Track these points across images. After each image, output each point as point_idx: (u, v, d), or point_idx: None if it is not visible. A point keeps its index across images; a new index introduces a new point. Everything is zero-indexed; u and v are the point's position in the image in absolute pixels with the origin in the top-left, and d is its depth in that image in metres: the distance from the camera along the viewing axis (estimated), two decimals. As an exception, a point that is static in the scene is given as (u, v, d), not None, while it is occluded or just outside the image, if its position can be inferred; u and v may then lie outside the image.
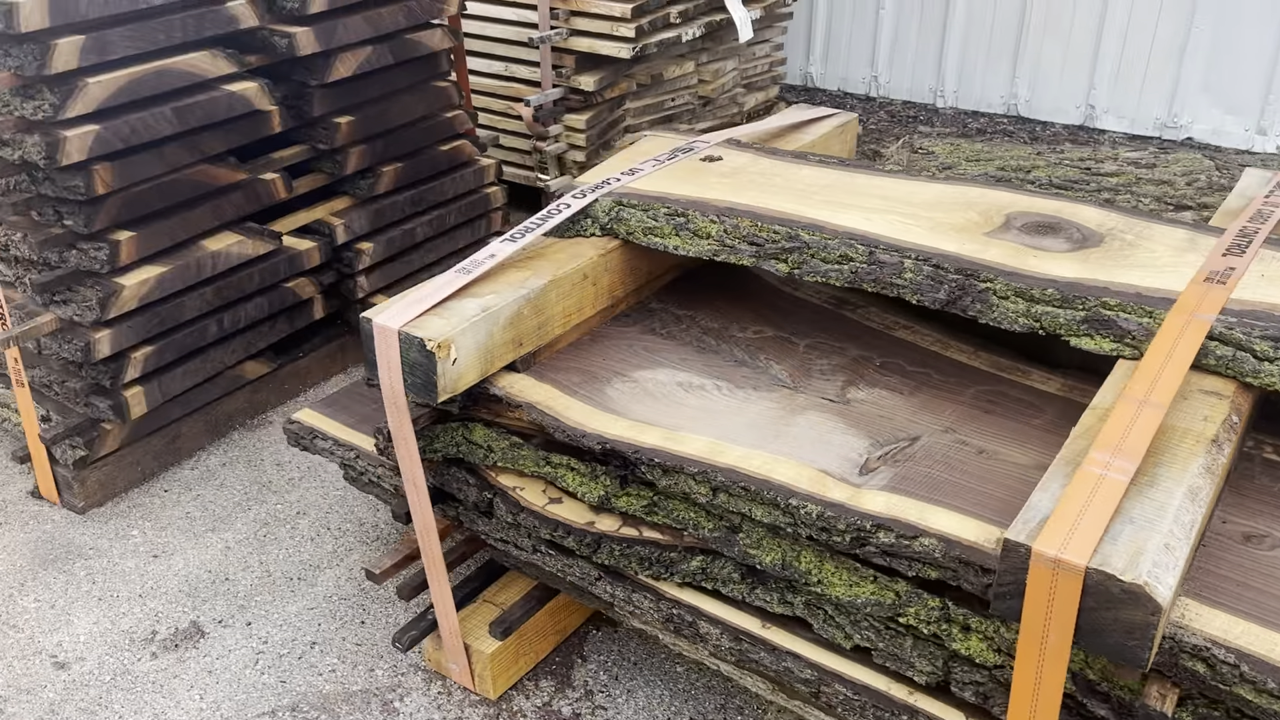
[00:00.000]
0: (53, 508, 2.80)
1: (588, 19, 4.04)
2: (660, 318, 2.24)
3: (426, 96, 3.35)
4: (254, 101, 2.75)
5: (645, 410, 1.91)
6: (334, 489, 2.87)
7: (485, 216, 3.69)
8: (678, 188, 2.22)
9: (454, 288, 1.95)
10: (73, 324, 2.61)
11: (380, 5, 3.03)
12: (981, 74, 5.75)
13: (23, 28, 2.26)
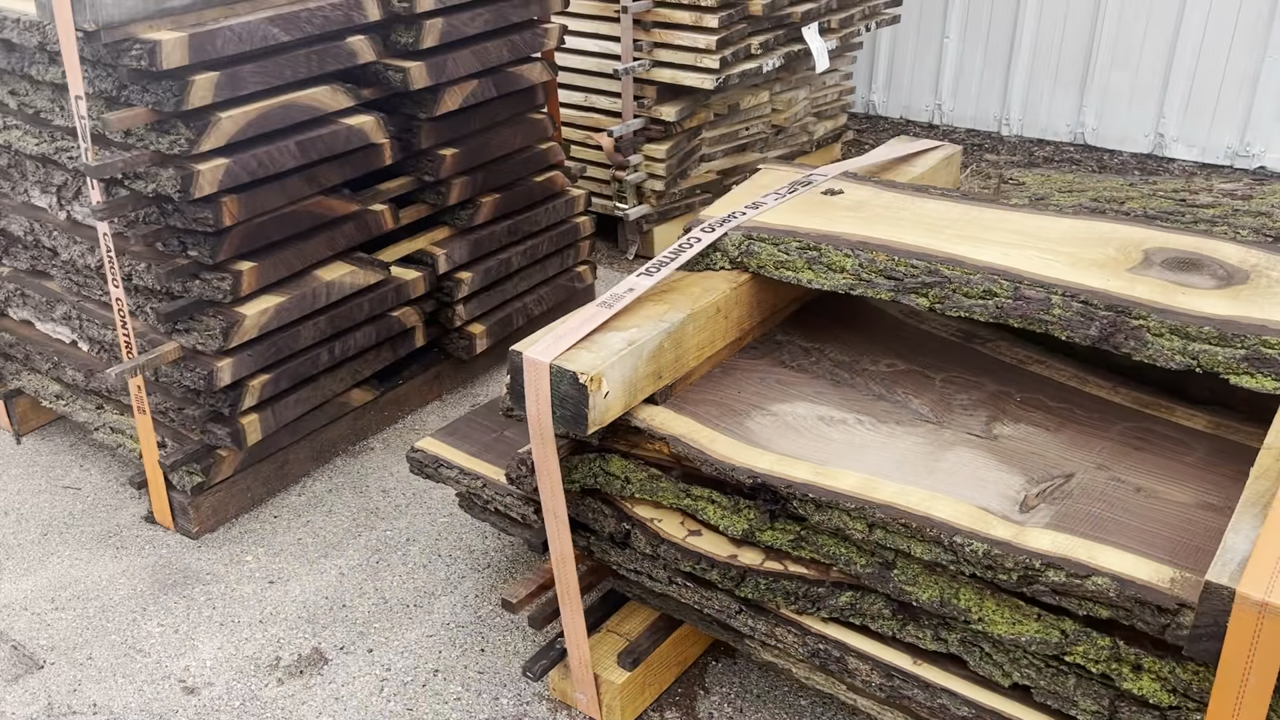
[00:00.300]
0: (167, 533, 2.84)
1: (671, 50, 4.07)
2: (788, 350, 2.25)
3: (524, 128, 3.39)
4: (370, 135, 2.79)
5: (790, 444, 1.91)
6: (440, 515, 2.88)
7: (574, 246, 3.72)
8: (805, 221, 2.23)
9: (598, 322, 1.96)
10: (195, 352, 2.65)
11: (487, 39, 3.07)
12: (1047, 102, 5.74)
13: (164, 65, 2.31)
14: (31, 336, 3.12)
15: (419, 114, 2.99)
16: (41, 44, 2.49)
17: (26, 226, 2.93)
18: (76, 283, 2.88)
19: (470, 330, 3.35)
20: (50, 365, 3.06)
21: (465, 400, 3.45)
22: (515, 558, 2.73)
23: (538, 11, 3.22)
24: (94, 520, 2.89)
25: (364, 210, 2.95)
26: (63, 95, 2.63)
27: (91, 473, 3.09)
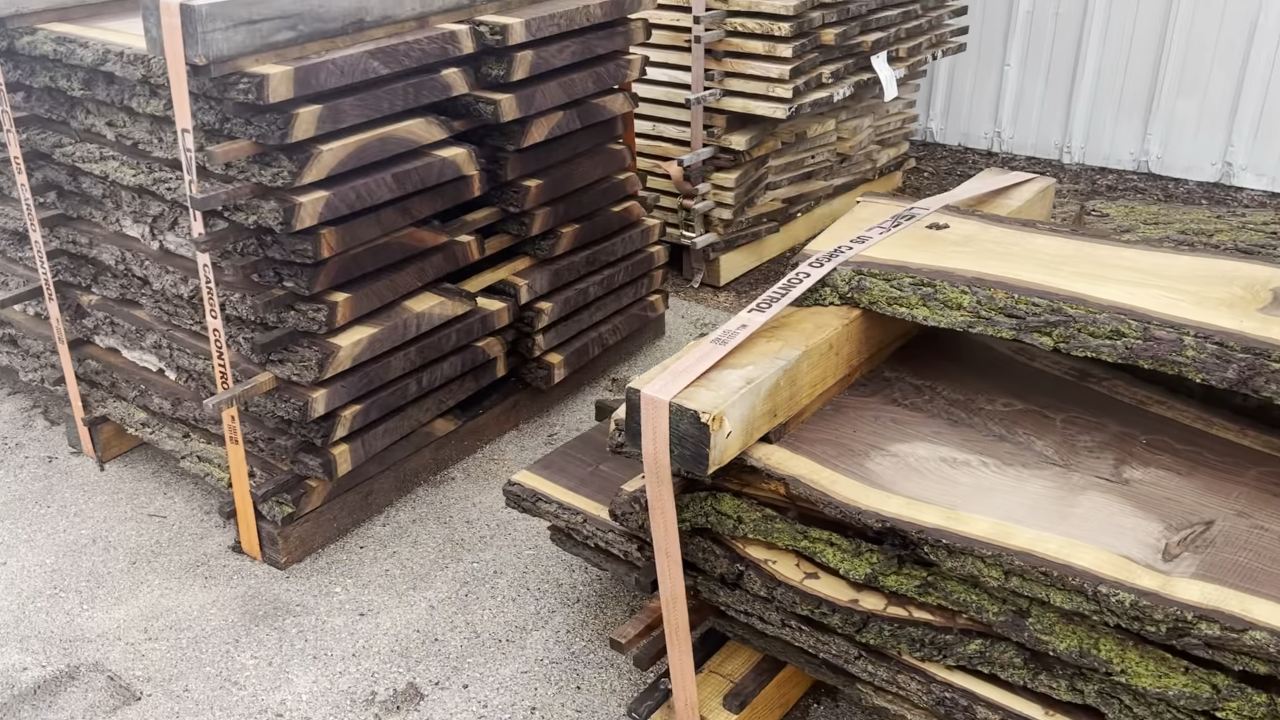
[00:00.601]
0: (254, 563, 2.83)
1: (743, 80, 4.06)
2: (899, 388, 2.21)
3: (603, 159, 3.38)
4: (462, 167, 2.79)
5: (915, 487, 1.87)
6: (526, 548, 2.86)
7: (648, 275, 3.70)
8: (915, 256, 2.20)
9: (713, 359, 1.94)
10: (290, 383, 2.64)
11: (574, 71, 3.07)
12: (1110, 130, 5.68)
13: (270, 98, 2.31)
14: (118, 364, 3.13)
15: (506, 146, 2.99)
16: (145, 77, 2.51)
17: (118, 256, 2.94)
18: (167, 312, 2.89)
19: (548, 360, 3.34)
20: (137, 393, 3.07)
21: (542, 430, 3.43)
22: (604, 593, 2.69)
23: (622, 43, 3.22)
24: (181, 549, 2.88)
25: (452, 241, 2.94)
26: (161, 127, 2.64)
27: (176, 500, 3.09)
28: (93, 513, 3.04)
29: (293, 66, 2.36)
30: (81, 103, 2.82)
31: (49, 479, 3.20)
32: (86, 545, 2.90)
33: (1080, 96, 5.68)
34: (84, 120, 2.83)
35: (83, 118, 2.83)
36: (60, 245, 3.10)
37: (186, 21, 2.25)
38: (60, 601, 2.69)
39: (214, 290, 2.53)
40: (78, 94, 2.75)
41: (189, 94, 2.36)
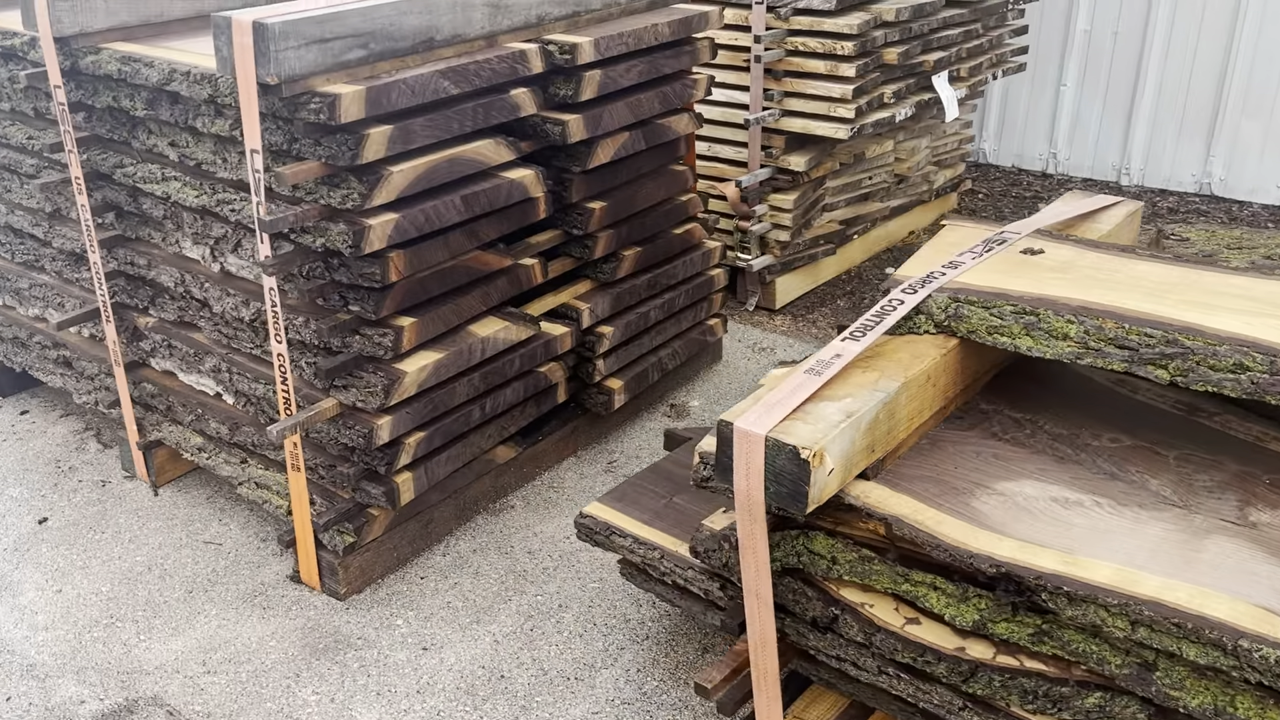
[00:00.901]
0: (313, 593, 2.75)
1: (803, 100, 3.98)
2: (997, 421, 2.11)
3: (666, 180, 3.31)
4: (530, 189, 2.73)
5: (1027, 529, 1.76)
6: (590, 580, 2.77)
7: (708, 299, 3.62)
8: (1013, 283, 2.10)
9: (809, 391, 1.84)
10: (354, 409, 2.57)
11: (641, 91, 3.00)
12: (1171, 152, 5.55)
13: (342, 119, 2.26)
14: (174, 388, 3.08)
15: (572, 167, 2.92)
16: (211, 96, 2.46)
17: (177, 278, 2.89)
18: (226, 335, 2.84)
19: (608, 385, 3.26)
20: (193, 417, 3.02)
21: (601, 456, 3.35)
22: (674, 629, 2.60)
23: (689, 62, 3.15)
24: (238, 578, 2.82)
25: (516, 264, 2.87)
26: (225, 148, 2.59)
27: (231, 527, 3.03)
28: (148, 539, 2.98)
29: (364, 86, 2.30)
30: (144, 123, 2.77)
31: (103, 503, 3.15)
32: (142, 573, 2.84)
33: (1140, 117, 5.55)
34: (146, 140, 2.79)
35: (145, 138, 2.79)
36: (118, 266, 3.06)
37: (259, 40, 2.20)
38: (117, 631, 2.63)
39: (279, 314, 2.47)
40: (141, 114, 2.71)
41: (258, 114, 2.31)
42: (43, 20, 2.70)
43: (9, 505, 3.14)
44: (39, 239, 3.36)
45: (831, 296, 4.49)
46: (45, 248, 3.36)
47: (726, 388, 3.74)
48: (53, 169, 3.14)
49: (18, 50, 2.97)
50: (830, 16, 3.82)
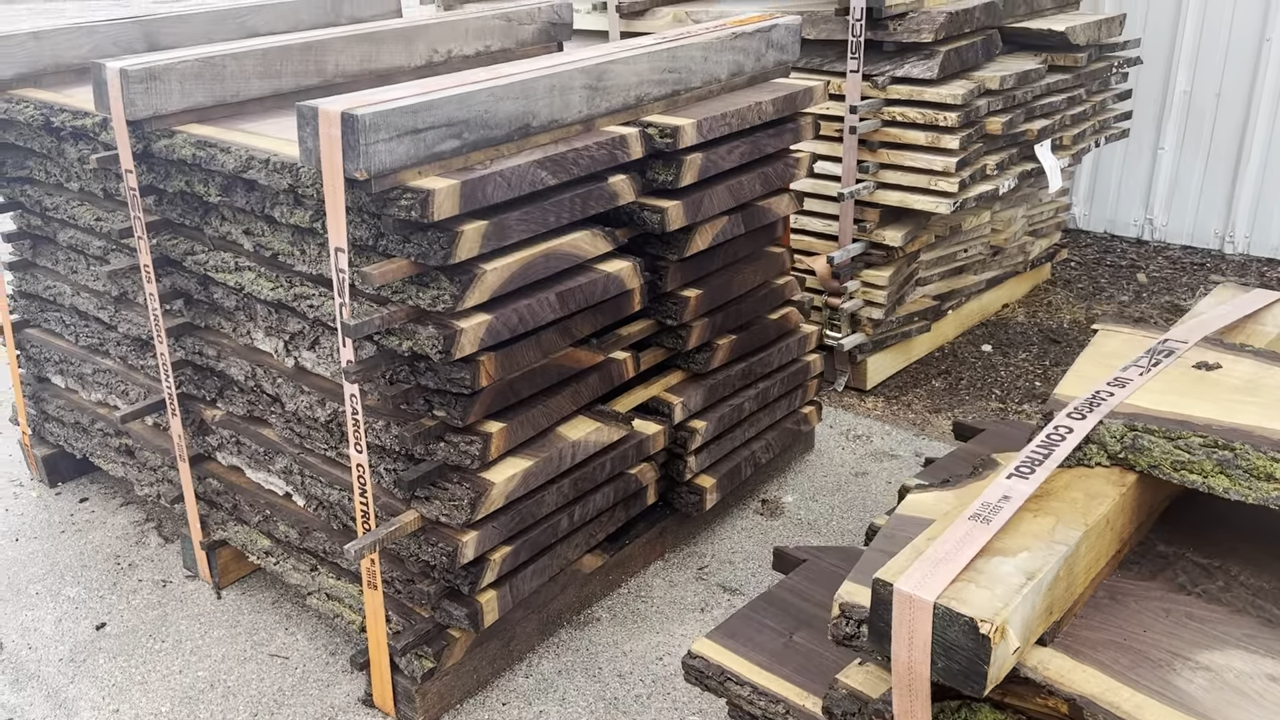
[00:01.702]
0: (387, 719, 2.53)
1: (900, 172, 3.77)
2: (1182, 569, 1.84)
3: (763, 264, 3.11)
4: (626, 282, 2.53)
5: (1246, 717, 1.50)
6: (689, 712, 2.52)
7: (803, 386, 3.39)
8: (1194, 407, 1.85)
9: (980, 543, 1.60)
10: (437, 524, 2.37)
11: (742, 173, 2.81)
12: (1278, 216, 5.25)
13: (435, 216, 2.07)
14: (241, 485, 2.91)
15: (668, 255, 2.73)
16: (292, 186, 2.30)
17: (247, 371, 2.73)
18: (299, 434, 2.66)
19: (700, 483, 3.03)
20: (261, 518, 2.84)
21: (691, 560, 3.11)
22: (786, 773, 2.34)
23: (791, 140, 2.96)
24: (306, 698, 2.61)
25: (608, 360, 2.67)
26: (304, 239, 2.43)
27: (298, 638, 2.83)
28: (210, 650, 2.79)
29: (459, 180, 2.12)
30: (218, 209, 2.63)
31: (164, 606, 2.97)
32: (204, 690, 2.65)
33: (1245, 182, 5.27)
34: (219, 227, 2.64)
35: (218, 224, 2.64)
36: (186, 356, 2.90)
37: (348, 132, 2.03)
38: (177, 761, 2.43)
39: (359, 421, 2.28)
40: (215, 200, 2.56)
41: (344, 209, 2.14)
42: (116, 103, 2.57)
43: (66, 608, 2.98)
44: (104, 323, 3.23)
45: (925, 376, 4.24)
46: (110, 332, 3.22)
47: (821, 481, 3.50)
48: (121, 253, 3.01)
49: (89, 130, 2.84)
50: (932, 85, 3.62)
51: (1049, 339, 4.54)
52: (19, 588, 3.08)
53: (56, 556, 3.21)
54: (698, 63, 2.76)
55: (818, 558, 2.41)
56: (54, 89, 3.14)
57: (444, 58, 3.25)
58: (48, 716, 2.57)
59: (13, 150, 3.24)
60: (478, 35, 3.33)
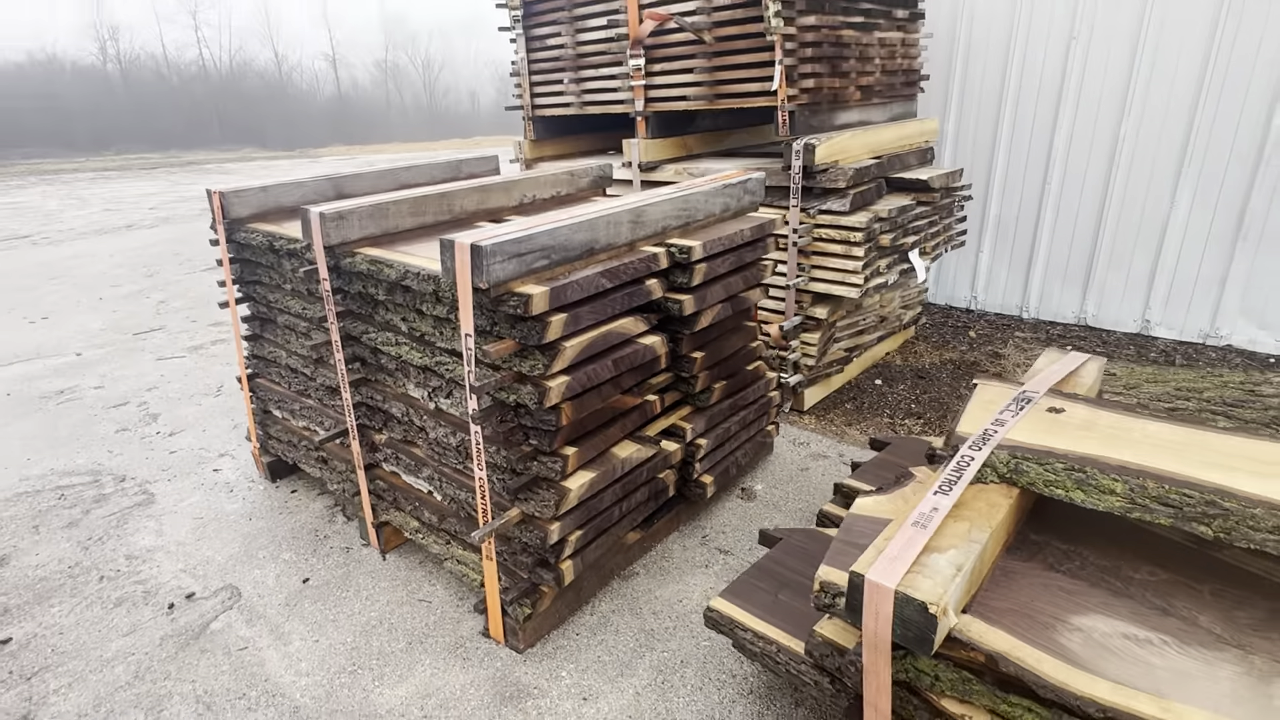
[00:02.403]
0: (499, 646, 2.35)
1: (825, 270, 3.63)
2: (1050, 553, 1.68)
3: (743, 333, 2.95)
4: (657, 350, 2.38)
5: (1115, 669, 1.34)
6: (703, 639, 2.34)
7: (767, 412, 3.22)
8: (1054, 441, 1.69)
9: (920, 544, 1.44)
10: (533, 517, 2.20)
11: (730, 275, 2.66)
12: (1058, 294, 5.12)
13: (533, 312, 1.93)
14: (399, 485, 2.73)
15: (683, 330, 2.57)
16: (434, 291, 2.15)
17: (403, 410, 2.56)
18: (437, 453, 2.49)
19: (703, 480, 2.86)
20: (412, 508, 2.66)
21: (696, 531, 2.93)
22: (770, 684, 2.16)
23: (761, 252, 2.81)
24: (444, 632, 2.42)
25: (644, 402, 2.51)
26: (441, 325, 2.28)
27: (438, 588, 2.64)
28: (379, 596, 2.61)
29: (548, 287, 1.97)
30: (383, 303, 2.47)
31: (347, 566, 2.78)
32: (375, 626, 2.46)
33: (1035, 272, 5.14)
34: (384, 316, 2.48)
35: (383, 314, 2.49)
36: (361, 399, 2.74)
37: (476, 258, 1.89)
38: (359, 678, 2.24)
39: (482, 449, 2.12)
40: (381, 298, 2.41)
41: (472, 306, 1.99)
42: (316, 234, 2.43)
43: (283, 567, 2.79)
44: (307, 376, 3.06)
45: (840, 401, 4.08)
46: (311, 382, 3.06)
47: (779, 474, 3.32)
48: (319, 331, 2.86)
49: (298, 251, 2.70)
50: (845, 216, 3.48)
51: (917, 375, 4.38)
52: (251, 553, 2.89)
53: (276, 531, 3.03)
54: (700, 203, 2.62)
55: (788, 537, 2.24)
56: (275, 222, 3.00)
57: (530, 199, 3.11)
58: (271, 645, 2.39)
59: (248, 263, 3.10)
60: (552, 185, 3.20)
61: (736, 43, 3.57)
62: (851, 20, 3.64)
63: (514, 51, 4.70)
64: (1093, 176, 4.78)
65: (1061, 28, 4.65)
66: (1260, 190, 4.28)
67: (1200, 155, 4.41)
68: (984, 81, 5.01)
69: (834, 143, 3.55)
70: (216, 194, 2.95)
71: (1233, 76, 4.21)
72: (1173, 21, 4.28)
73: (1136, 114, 4.54)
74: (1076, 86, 4.69)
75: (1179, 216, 4.54)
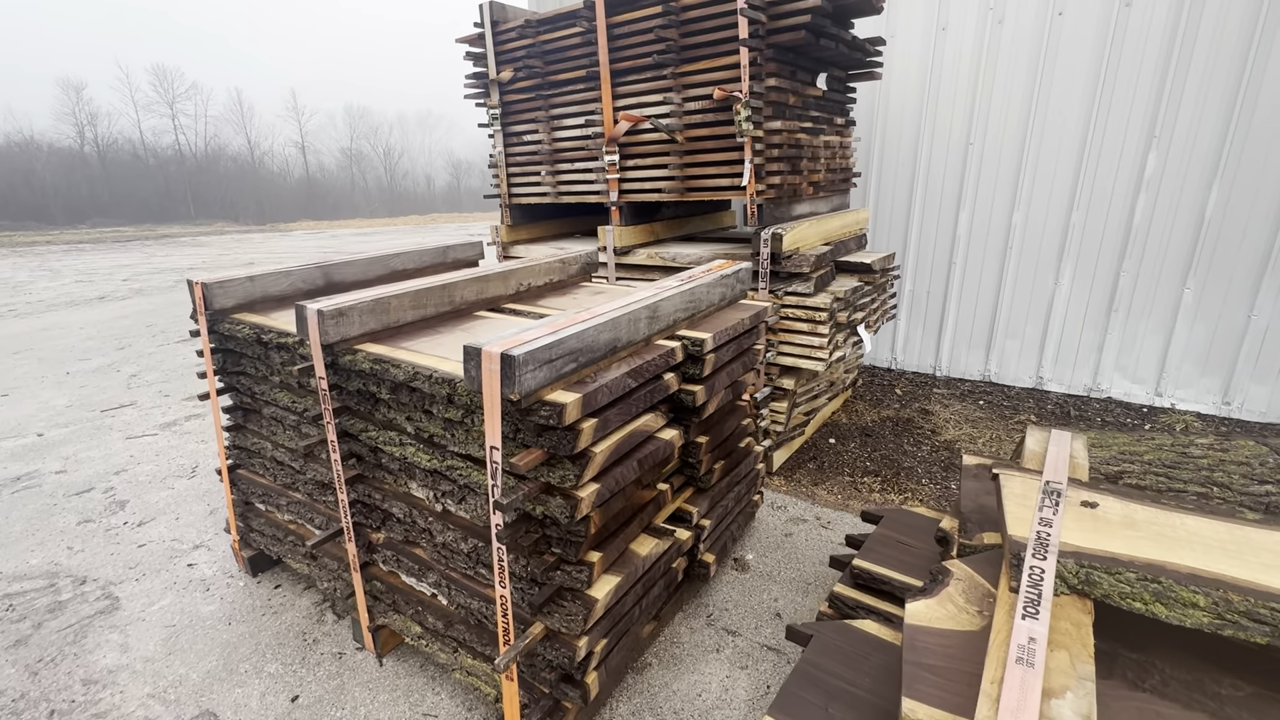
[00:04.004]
0: (517, 771, 1.85)
1: (792, 346, 3.38)
2: (1123, 665, 1.38)
3: (737, 414, 2.62)
4: (675, 443, 2.00)
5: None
6: (730, 742, 1.92)
7: (755, 485, 2.88)
8: (1110, 543, 1.41)
9: (1036, 691, 1.11)
10: (558, 633, 1.75)
11: (733, 363, 2.34)
12: (965, 355, 5.09)
13: (566, 421, 1.53)
14: (398, 586, 2.20)
15: (692, 418, 2.21)
16: (449, 395, 1.71)
17: (405, 511, 2.07)
18: (444, 557, 2.01)
19: (706, 558, 2.46)
20: (414, 611, 2.14)
21: (700, 610, 2.52)
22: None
23: (756, 338, 2.51)
24: (454, 757, 1.90)
25: (658, 493, 2.12)
26: (453, 428, 1.83)
27: (443, 698, 2.11)
28: (378, 713, 2.05)
29: (580, 395, 1.58)
30: (386, 402, 2.00)
31: (341, 676, 2.21)
32: (376, 755, 1.90)
33: (945, 336, 5.11)
34: (386, 414, 2.01)
35: (385, 412, 2.01)
36: (357, 497, 2.22)
37: (507, 368, 1.48)
38: (360, 832, 1.68)
39: (505, 567, 1.67)
40: (385, 397, 1.94)
41: (500, 417, 1.57)
42: (314, 331, 1.95)
43: (268, 683, 2.19)
44: (295, 469, 2.51)
45: (803, 461, 3.79)
46: (299, 476, 2.50)
47: (766, 542, 2.97)
48: (311, 426, 2.33)
49: (289, 345, 2.19)
50: (810, 297, 3.26)
51: (864, 433, 4.17)
52: (232, 666, 2.27)
53: (259, 637, 2.41)
54: (704, 295, 2.31)
55: (819, 633, 1.87)
56: (262, 313, 2.48)
57: (526, 287, 2.72)
58: (253, 791, 1.80)
59: (232, 354, 2.54)
60: (545, 273, 2.82)
61: (707, 143, 3.35)
62: (804, 125, 3.51)
63: (492, 146, 4.35)
64: (990, 258, 4.82)
65: (960, 135, 4.72)
66: (1127, 271, 4.39)
67: (1077, 243, 4.50)
68: (897, 177, 5.03)
69: (795, 232, 3.35)
70: (199, 285, 2.41)
71: (1101, 177, 4.34)
72: (1052, 129, 4.40)
73: (1024, 207, 4.62)
74: (974, 184, 4.76)
75: (1062, 293, 4.60)
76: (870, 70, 4.01)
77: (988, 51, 4.48)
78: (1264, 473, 2.51)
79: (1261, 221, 3.98)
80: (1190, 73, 3.96)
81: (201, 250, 16.06)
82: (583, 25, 3.53)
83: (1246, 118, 3.87)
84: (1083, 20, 4.15)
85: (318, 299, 2.04)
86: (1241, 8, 3.76)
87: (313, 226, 27.54)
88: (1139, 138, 4.18)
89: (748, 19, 2.95)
